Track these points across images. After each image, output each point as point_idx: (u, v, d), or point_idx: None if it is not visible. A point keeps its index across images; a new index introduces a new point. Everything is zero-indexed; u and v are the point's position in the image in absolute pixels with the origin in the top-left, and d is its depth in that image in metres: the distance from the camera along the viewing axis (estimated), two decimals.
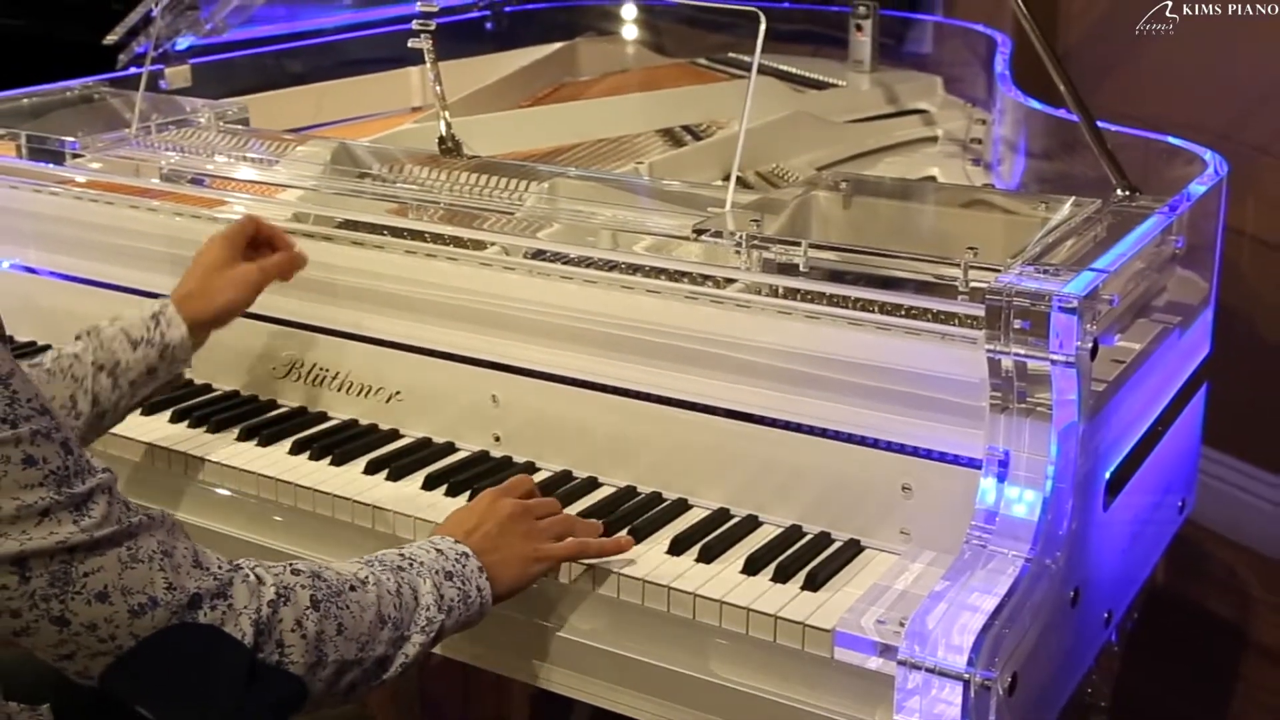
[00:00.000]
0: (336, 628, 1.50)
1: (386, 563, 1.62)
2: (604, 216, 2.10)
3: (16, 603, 1.34)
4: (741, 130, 2.06)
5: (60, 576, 1.34)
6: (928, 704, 1.52)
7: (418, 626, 1.59)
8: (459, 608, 1.63)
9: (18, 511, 1.32)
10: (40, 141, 2.56)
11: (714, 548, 1.81)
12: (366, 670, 1.54)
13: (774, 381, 1.86)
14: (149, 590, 1.38)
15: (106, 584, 1.36)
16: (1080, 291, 1.66)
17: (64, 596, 1.35)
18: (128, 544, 1.38)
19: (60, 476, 1.34)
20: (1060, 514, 1.67)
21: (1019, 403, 1.67)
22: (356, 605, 1.53)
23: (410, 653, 1.58)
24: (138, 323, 1.95)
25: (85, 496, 1.36)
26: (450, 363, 2.11)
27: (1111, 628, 1.99)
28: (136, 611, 1.37)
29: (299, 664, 1.46)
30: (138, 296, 2.39)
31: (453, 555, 1.67)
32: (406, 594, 1.59)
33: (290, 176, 2.38)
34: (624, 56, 3.69)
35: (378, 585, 1.57)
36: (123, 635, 1.37)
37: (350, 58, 3.39)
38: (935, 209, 2.22)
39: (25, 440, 1.32)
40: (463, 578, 1.65)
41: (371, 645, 1.53)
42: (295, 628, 1.46)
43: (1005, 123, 2.84)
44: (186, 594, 1.40)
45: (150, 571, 1.39)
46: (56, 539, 1.33)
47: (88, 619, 1.36)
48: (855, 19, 3.41)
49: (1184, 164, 2.35)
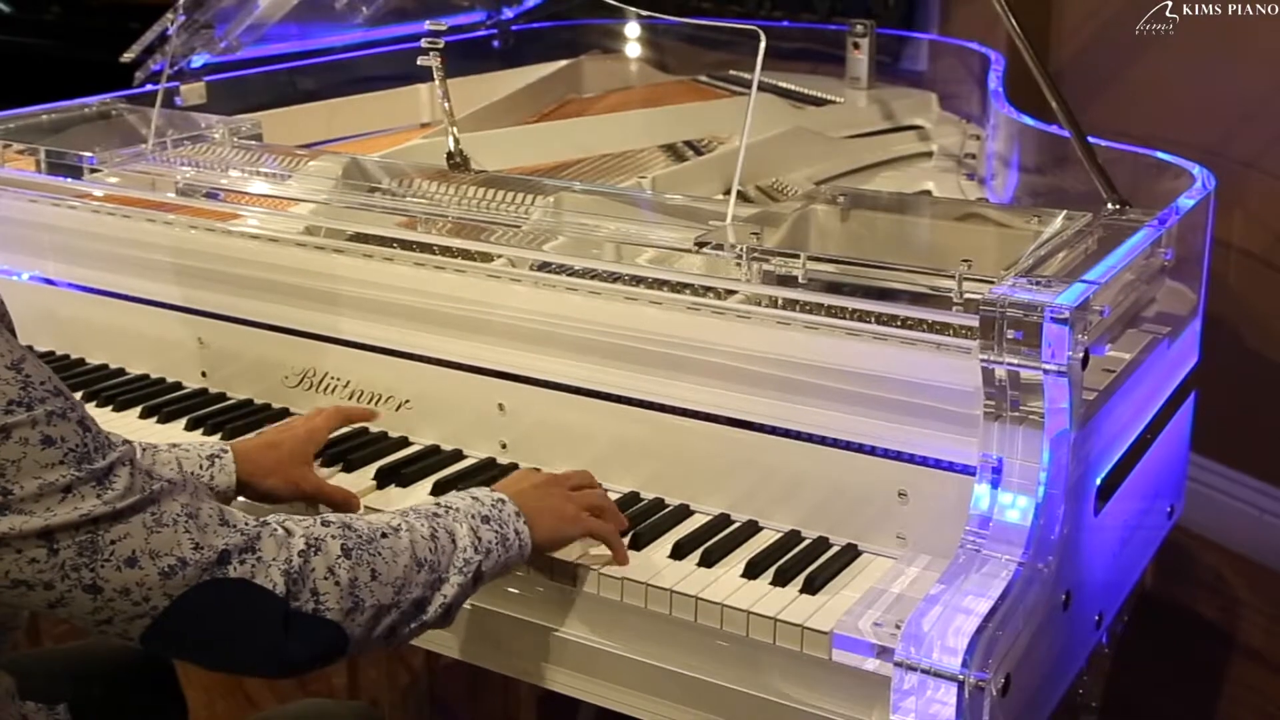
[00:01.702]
0: (370, 574, 1.51)
1: (421, 511, 1.64)
2: (608, 229, 2.09)
3: (48, 575, 1.35)
4: (742, 145, 2.07)
5: (88, 546, 1.35)
6: (923, 704, 1.52)
7: (455, 568, 1.60)
8: (497, 549, 1.65)
9: (40, 490, 1.33)
10: (59, 156, 2.56)
11: (715, 552, 1.81)
12: (405, 612, 1.55)
13: (773, 390, 1.86)
14: (177, 551, 1.39)
15: (134, 549, 1.37)
16: (1072, 303, 1.66)
17: (94, 565, 1.36)
18: (151, 509, 1.39)
19: (80, 454, 1.35)
20: (1052, 519, 1.67)
21: (1012, 411, 1.67)
22: (389, 551, 1.54)
23: (449, 594, 1.59)
24: (194, 457, 1.87)
25: (106, 470, 1.37)
26: (458, 372, 2.11)
27: (1102, 630, 1.99)
28: (167, 573, 1.38)
29: (335, 610, 1.48)
30: (153, 308, 2.40)
31: (489, 501, 1.69)
32: (443, 537, 1.61)
33: (303, 191, 2.38)
34: (627, 74, 3.70)
35: (410, 531, 1.58)
36: (156, 596, 1.39)
37: (361, 75, 3.39)
38: (930, 222, 2.22)
39: (42, 421, 1.33)
40: (500, 521, 1.67)
41: (407, 589, 1.55)
42: (328, 575, 1.48)
43: (999, 138, 2.85)
44: (215, 551, 1.41)
45: (176, 534, 1.40)
46: (81, 512, 1.34)
47: (120, 584, 1.37)
48: (853, 37, 3.42)
49: (1173, 178, 2.35)
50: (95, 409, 2.30)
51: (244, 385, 2.33)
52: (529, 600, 1.81)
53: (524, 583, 1.84)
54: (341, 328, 2.21)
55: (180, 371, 2.40)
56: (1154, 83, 3.77)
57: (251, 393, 2.32)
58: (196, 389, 2.37)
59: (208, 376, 2.37)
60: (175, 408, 2.29)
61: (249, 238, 2.31)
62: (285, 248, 2.27)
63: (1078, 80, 3.89)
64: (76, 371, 2.46)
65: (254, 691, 3.22)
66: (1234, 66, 3.57)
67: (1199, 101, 3.65)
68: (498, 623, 1.85)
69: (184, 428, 2.22)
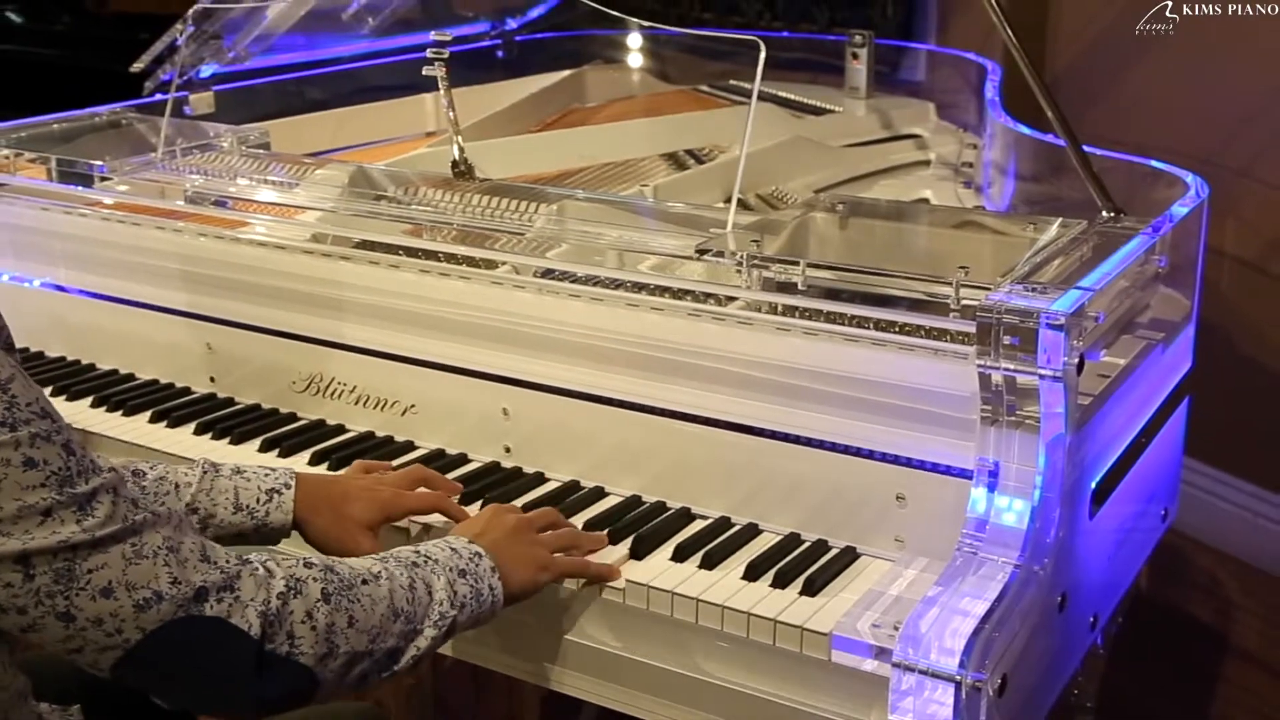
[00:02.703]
0: (348, 620, 1.49)
1: (401, 559, 1.61)
2: (610, 237, 2.10)
3: (22, 600, 1.34)
4: (742, 154, 2.07)
5: (64, 573, 1.34)
6: (921, 705, 1.52)
7: (430, 621, 1.58)
8: (471, 604, 1.63)
9: (19, 512, 1.31)
10: (70, 165, 2.57)
11: (716, 555, 1.81)
12: (378, 661, 1.53)
13: (773, 395, 1.86)
14: (154, 585, 1.37)
15: (111, 580, 1.35)
16: (1067, 309, 1.66)
17: (68, 593, 1.34)
18: (131, 540, 1.37)
19: (62, 477, 1.33)
20: (1048, 522, 1.67)
21: (1008, 415, 1.67)
22: (368, 599, 1.52)
23: (422, 645, 1.57)
24: (253, 488, 1.80)
25: (88, 496, 1.35)
26: (463, 377, 2.11)
27: (1097, 631, 1.99)
28: (141, 606, 1.36)
29: (309, 655, 1.46)
30: (162, 314, 2.40)
31: (466, 554, 1.66)
32: (420, 589, 1.58)
33: (310, 198, 2.38)
34: (630, 83, 3.70)
35: (390, 579, 1.56)
36: (129, 629, 1.37)
37: (367, 85, 3.39)
38: (928, 230, 2.22)
39: (25, 443, 1.31)
40: (475, 575, 1.65)
41: (383, 638, 1.53)
42: (305, 619, 1.46)
43: (995, 147, 2.85)
44: (192, 588, 1.39)
45: (155, 567, 1.38)
46: (59, 538, 1.33)
47: (93, 614, 1.35)
48: (852, 48, 3.42)
49: (1167, 187, 2.35)
50: (105, 413, 2.31)
51: (252, 390, 2.33)
52: (533, 602, 1.81)
53: None
54: (348, 333, 2.21)
55: (189, 376, 2.41)
56: (1148, 92, 3.77)
57: (259, 397, 2.32)
58: (205, 394, 2.37)
59: (216, 381, 2.37)
60: (184, 412, 2.29)
61: (257, 245, 2.32)
62: (292, 255, 2.27)
63: (1073, 90, 3.89)
64: (87, 377, 2.46)
65: None
66: (1227, 76, 3.57)
67: (1193, 111, 3.65)
68: (502, 624, 1.85)
69: (193, 432, 2.22)
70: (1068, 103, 2.33)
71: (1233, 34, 3.48)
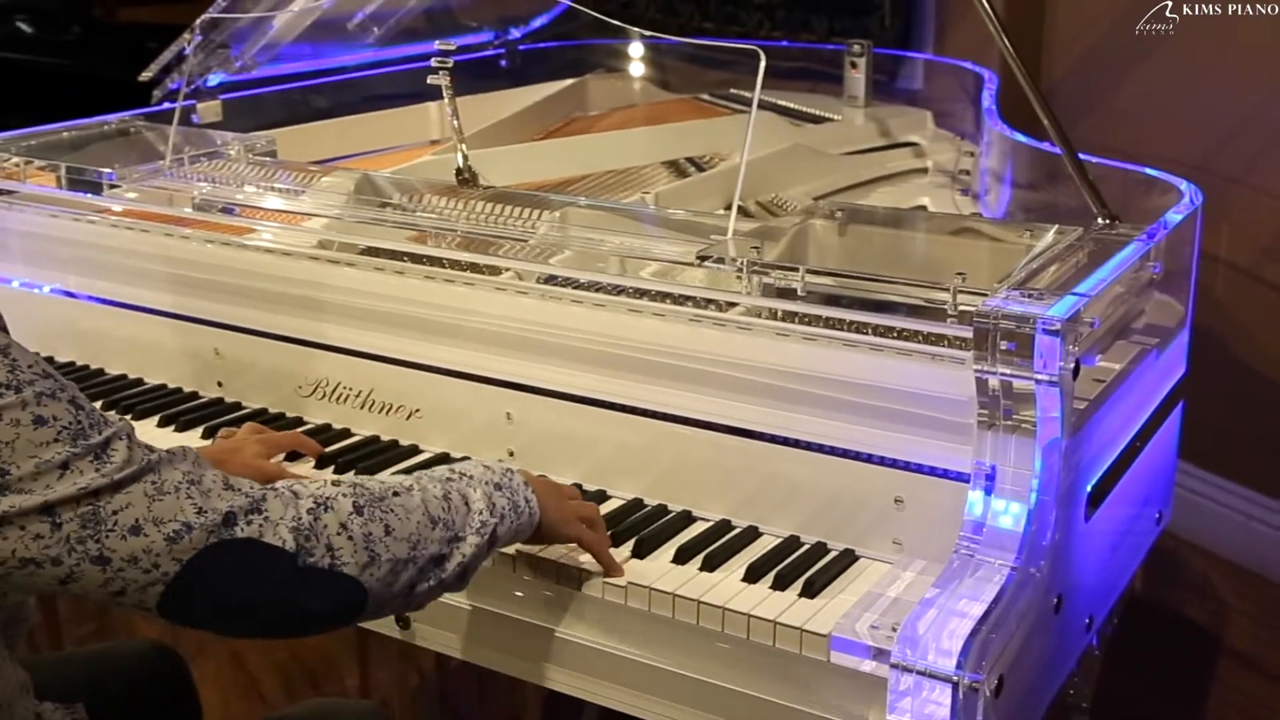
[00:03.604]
0: (384, 529, 1.51)
1: (434, 475, 1.64)
2: (612, 244, 2.10)
3: (55, 550, 1.34)
4: (742, 162, 2.07)
5: (90, 518, 1.35)
6: (919, 705, 1.52)
7: (471, 528, 1.60)
8: (510, 515, 1.65)
9: (37, 469, 1.32)
10: (79, 173, 2.57)
11: (716, 557, 1.81)
12: (422, 568, 1.54)
13: (773, 400, 1.86)
14: (181, 517, 1.38)
15: (138, 518, 1.36)
16: (1063, 315, 1.66)
17: (98, 536, 1.35)
18: (151, 478, 1.38)
19: (74, 431, 1.35)
20: (1044, 525, 1.67)
21: (1005, 420, 1.67)
22: (401, 508, 1.54)
23: (466, 553, 1.59)
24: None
25: (103, 445, 1.36)
26: (467, 382, 2.11)
27: (1092, 632, 1.99)
28: (173, 538, 1.37)
29: (351, 564, 1.47)
30: (170, 319, 2.40)
31: (499, 470, 1.69)
32: (456, 499, 1.61)
33: (316, 206, 2.39)
34: (631, 92, 3.70)
35: (423, 491, 1.58)
36: (165, 562, 1.37)
37: (373, 93, 3.40)
38: (926, 236, 2.22)
39: (31, 402, 1.33)
40: (511, 489, 1.67)
41: (424, 544, 1.54)
42: (340, 531, 1.47)
43: (992, 155, 2.85)
44: (219, 514, 1.40)
45: (179, 500, 1.39)
46: (79, 486, 1.34)
47: (127, 553, 1.36)
48: (850, 57, 3.42)
49: (1161, 194, 2.35)
50: (114, 418, 2.30)
51: (259, 395, 2.33)
52: (536, 604, 1.81)
53: (531, 587, 1.84)
54: (353, 339, 2.21)
55: (197, 381, 2.41)
56: (1143, 101, 3.77)
57: (266, 402, 2.33)
58: (213, 398, 2.37)
59: (224, 386, 2.37)
60: (192, 416, 2.29)
61: (264, 251, 2.32)
62: (299, 261, 2.27)
63: (1069, 98, 3.89)
64: (96, 381, 2.46)
65: (268, 692, 3.22)
66: (1219, 85, 3.57)
67: (1187, 119, 3.65)
68: (506, 626, 1.85)
69: (201, 436, 2.22)
70: (1063, 111, 2.33)
71: (1224, 45, 3.49)
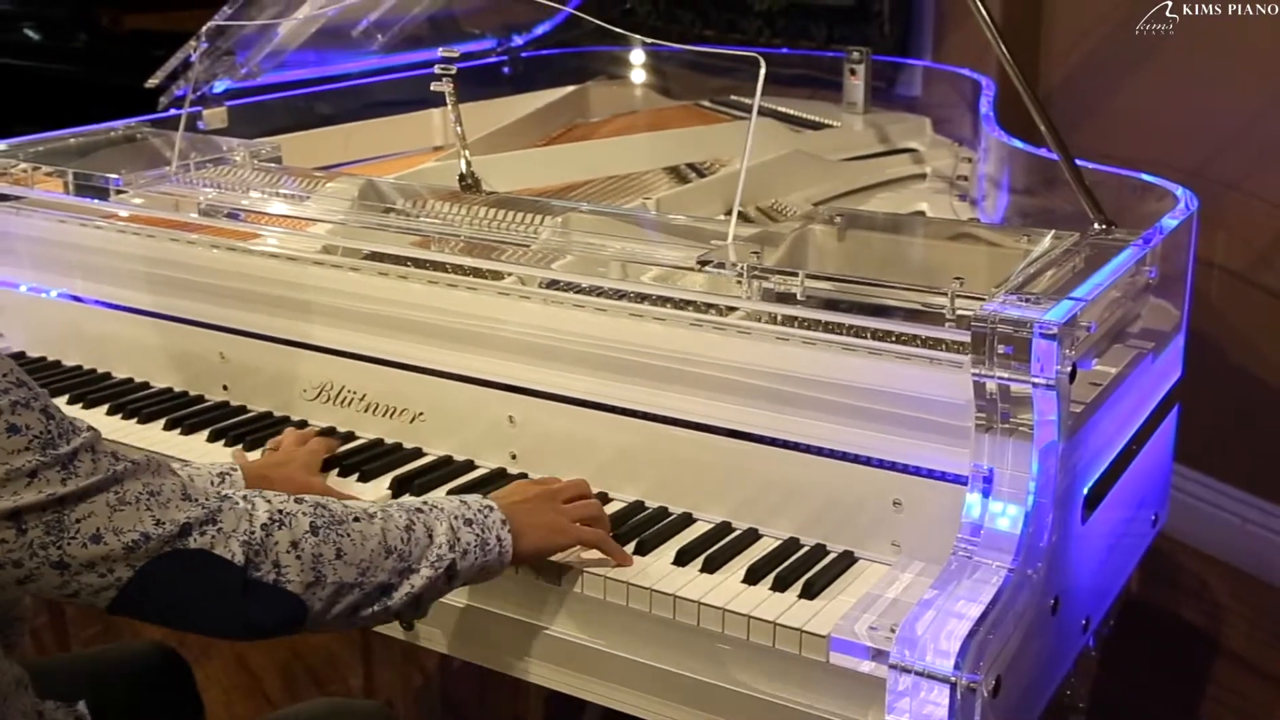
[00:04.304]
0: (336, 552, 1.53)
1: (404, 505, 1.66)
2: (614, 249, 2.10)
3: (17, 554, 1.38)
4: (743, 168, 2.07)
5: (54, 525, 1.39)
6: (917, 705, 1.52)
7: (427, 562, 1.61)
8: (475, 552, 1.65)
9: (7, 475, 1.36)
10: (86, 179, 2.57)
11: (717, 559, 1.81)
12: (368, 594, 1.56)
13: (773, 403, 1.86)
14: (140, 527, 1.42)
15: (99, 527, 1.40)
16: (1060, 319, 1.66)
17: (60, 542, 1.39)
18: (114, 489, 1.42)
19: (44, 440, 1.38)
20: (1041, 527, 1.67)
21: (1002, 423, 1.67)
22: (359, 534, 1.56)
23: (417, 584, 1.60)
24: (204, 475, 1.88)
25: (71, 455, 1.40)
26: (470, 385, 2.11)
27: (1089, 634, 1.99)
28: (131, 547, 1.42)
29: (296, 582, 1.50)
30: (176, 324, 2.40)
31: (475, 506, 1.70)
32: (419, 531, 1.62)
33: (320, 211, 2.39)
34: (632, 99, 3.70)
35: (385, 519, 1.60)
36: (120, 568, 1.42)
37: (376, 100, 3.40)
38: (924, 241, 2.22)
39: (6, 411, 1.36)
40: (483, 526, 1.68)
41: (373, 572, 1.56)
42: (291, 549, 1.50)
43: (990, 161, 2.85)
44: (176, 525, 1.44)
45: (139, 511, 1.43)
46: (47, 493, 1.37)
47: (85, 559, 1.40)
48: (849, 64, 3.42)
49: (1157, 199, 2.35)
50: (121, 421, 2.31)
51: (264, 398, 2.34)
52: (538, 605, 1.81)
53: (533, 589, 1.84)
54: (357, 343, 2.22)
55: (203, 385, 2.41)
56: (1140, 108, 3.77)
57: (271, 405, 2.33)
58: (218, 402, 2.38)
59: (229, 390, 2.38)
60: (198, 420, 2.29)
61: (269, 256, 2.32)
62: (304, 266, 2.27)
63: (1066, 105, 3.89)
64: (103, 385, 2.47)
65: (271, 692, 3.22)
66: (1215, 92, 3.58)
67: (1183, 126, 3.66)
68: (508, 627, 1.85)
69: (206, 439, 2.23)
70: (1060, 118, 2.34)
71: (1219, 53, 3.49)
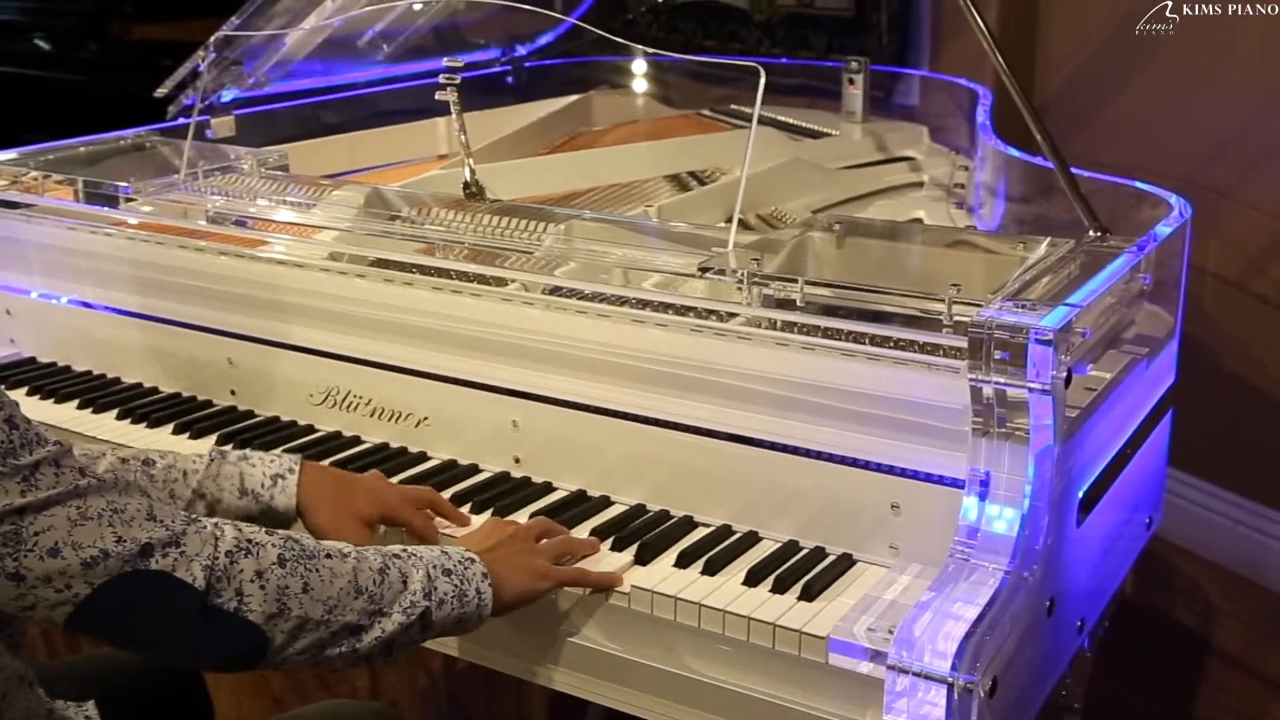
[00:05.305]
0: (303, 585, 1.49)
1: (383, 550, 1.61)
2: (616, 256, 2.10)
3: None
4: (743, 176, 2.07)
5: (11, 537, 1.35)
6: (915, 706, 1.52)
7: (400, 607, 1.56)
8: (452, 602, 1.60)
9: None
10: (95, 187, 2.57)
11: (717, 561, 1.81)
12: (334, 633, 1.51)
13: (773, 408, 1.86)
14: (100, 544, 1.39)
15: (57, 540, 1.37)
16: (1055, 325, 1.66)
17: (17, 555, 1.36)
18: (76, 504, 1.39)
19: (5, 449, 1.35)
20: (1037, 530, 1.67)
21: (999, 427, 1.67)
22: (328, 571, 1.52)
23: (388, 628, 1.55)
24: (259, 473, 1.80)
25: (32, 467, 1.37)
26: (474, 390, 2.11)
27: (1084, 635, 1.99)
28: (89, 563, 1.38)
29: (257, 613, 1.46)
30: (184, 329, 2.40)
31: (456, 556, 1.65)
32: (393, 574, 1.57)
33: (326, 219, 2.39)
34: (634, 108, 3.70)
35: (359, 560, 1.55)
36: (78, 584, 1.39)
37: (382, 109, 3.40)
38: (921, 249, 2.22)
39: None
40: (462, 577, 1.63)
41: (340, 610, 1.51)
42: (255, 578, 1.46)
43: (986, 169, 2.85)
44: (138, 544, 1.41)
45: (100, 528, 1.39)
46: (3, 503, 1.34)
47: (42, 573, 1.37)
48: (848, 73, 3.43)
49: (1151, 207, 2.35)
50: (130, 425, 2.31)
51: (271, 403, 2.34)
52: (541, 607, 1.81)
53: None
54: (363, 348, 2.22)
55: (211, 390, 2.41)
56: (1134, 117, 3.78)
57: (278, 410, 2.33)
58: (226, 406, 2.38)
59: (236, 395, 2.38)
60: (206, 424, 2.29)
61: (276, 263, 2.32)
62: (310, 273, 2.28)
63: (1061, 114, 3.89)
64: (113, 390, 2.47)
65: (279, 692, 3.22)
66: (1209, 101, 3.58)
67: (1177, 134, 3.66)
68: (512, 628, 1.85)
69: (215, 443, 2.23)
70: (1056, 126, 2.34)
71: (1214, 62, 3.49)
